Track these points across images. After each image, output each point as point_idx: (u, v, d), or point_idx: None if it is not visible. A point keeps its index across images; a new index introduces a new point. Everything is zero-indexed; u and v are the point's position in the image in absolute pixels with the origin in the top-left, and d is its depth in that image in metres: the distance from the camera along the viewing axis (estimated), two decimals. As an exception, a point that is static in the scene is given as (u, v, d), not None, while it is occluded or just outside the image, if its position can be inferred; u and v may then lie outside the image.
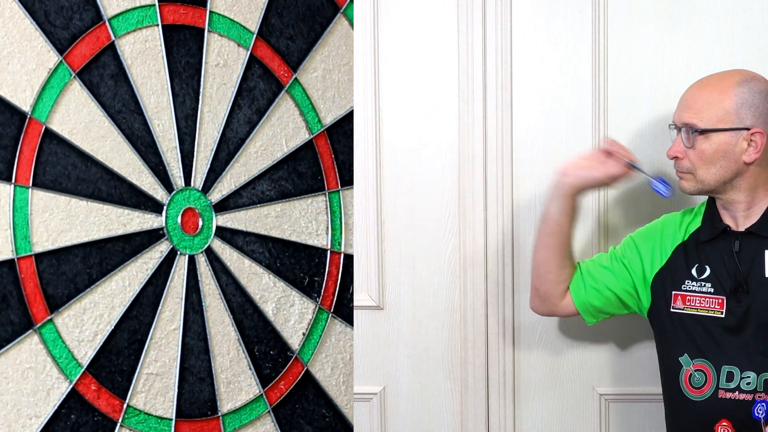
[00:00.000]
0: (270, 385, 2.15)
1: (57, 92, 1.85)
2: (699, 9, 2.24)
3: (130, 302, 1.94)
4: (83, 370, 1.88)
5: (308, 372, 2.21)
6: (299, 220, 2.20)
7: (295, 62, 2.18)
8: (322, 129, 2.23)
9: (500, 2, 2.27)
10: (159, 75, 1.99)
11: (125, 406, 1.94)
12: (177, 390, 2.01)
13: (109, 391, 1.92)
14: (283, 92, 2.17)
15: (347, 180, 2.28)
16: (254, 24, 2.12)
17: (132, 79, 1.95)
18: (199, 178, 2.04)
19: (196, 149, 2.04)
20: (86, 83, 1.89)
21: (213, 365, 2.06)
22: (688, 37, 2.24)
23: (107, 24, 1.91)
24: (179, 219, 2.01)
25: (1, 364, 1.79)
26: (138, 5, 1.95)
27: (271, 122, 2.15)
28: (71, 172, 1.87)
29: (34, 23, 1.82)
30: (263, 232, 2.14)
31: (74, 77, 1.87)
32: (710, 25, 2.24)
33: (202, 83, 2.04)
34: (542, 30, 2.28)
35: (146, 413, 1.97)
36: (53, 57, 1.85)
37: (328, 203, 2.25)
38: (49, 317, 1.84)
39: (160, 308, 1.99)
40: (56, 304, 1.85)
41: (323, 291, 2.23)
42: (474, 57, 2.28)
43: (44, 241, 1.84)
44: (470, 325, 2.33)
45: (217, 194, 2.07)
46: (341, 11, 2.25)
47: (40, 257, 1.83)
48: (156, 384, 1.98)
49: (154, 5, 1.98)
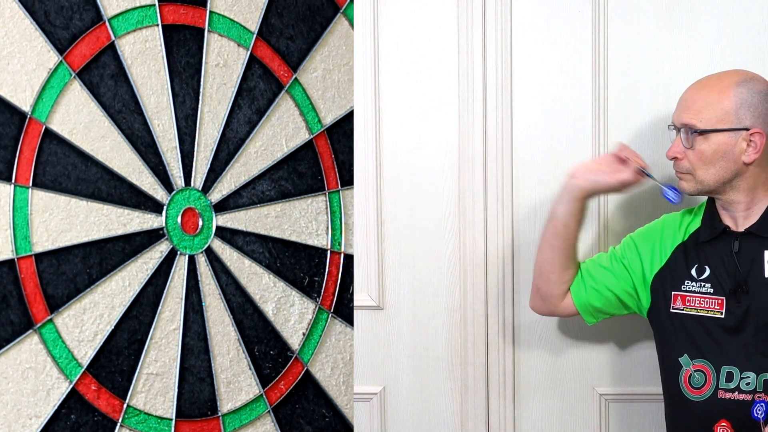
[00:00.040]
0: (270, 385, 2.15)
1: (57, 92, 1.85)
2: (699, 9, 2.24)
3: (130, 302, 1.94)
4: (83, 370, 1.89)
5: (308, 372, 2.21)
6: (299, 220, 2.20)
7: (295, 62, 2.18)
8: (322, 129, 2.23)
9: (500, 2, 2.27)
10: (159, 75, 1.99)
11: (125, 406, 1.94)
12: (177, 390, 2.01)
13: (109, 391, 1.92)
14: (283, 92, 2.17)
15: (347, 180, 2.28)
16: (254, 24, 2.11)
17: (132, 79, 1.95)
18: (199, 178, 2.04)
19: (196, 149, 2.04)
20: (86, 83, 1.89)
21: (213, 365, 2.06)
22: (688, 37, 2.24)
23: (107, 24, 1.91)
24: (179, 219, 2.01)
25: (1, 364, 1.79)
26: (138, 5, 1.95)
27: (271, 122, 2.15)
28: (71, 172, 1.87)
29: (34, 23, 1.82)
30: (263, 232, 2.14)
31: (74, 77, 1.87)
32: (710, 25, 2.24)
33: (202, 83, 2.04)
34: (542, 30, 2.28)
35: (146, 413, 1.97)
36: (53, 57, 1.85)
37: (328, 203, 2.25)
38: (49, 317, 1.84)
39: (160, 308, 1.99)
40: (56, 304, 1.85)
41: (323, 291, 2.23)
42: (474, 57, 2.28)
43: (44, 241, 1.84)
44: (470, 325, 2.33)
45: (217, 194, 2.07)
46: (341, 11, 2.25)
47: (40, 257, 1.83)
48: (156, 384, 1.98)
49: (154, 5, 1.98)
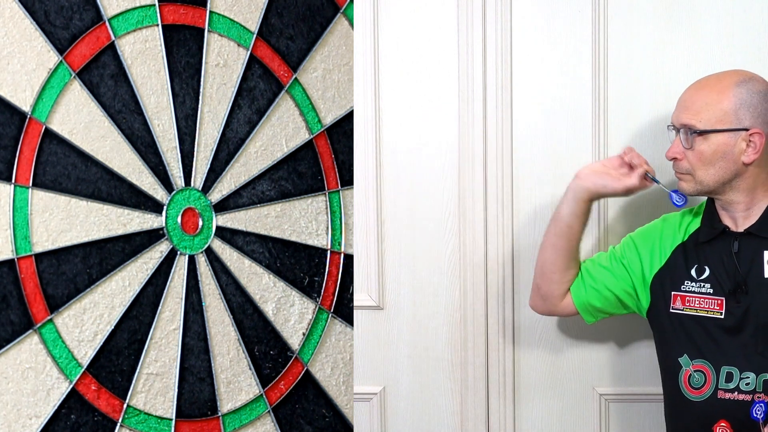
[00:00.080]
0: (270, 385, 2.15)
1: (57, 92, 1.85)
2: (699, 9, 2.24)
3: (130, 302, 1.94)
4: (83, 370, 1.89)
5: (308, 372, 2.21)
6: (299, 220, 2.20)
7: (295, 62, 2.18)
8: (322, 129, 2.23)
9: (500, 2, 2.27)
10: (159, 75, 1.99)
11: (125, 406, 1.94)
12: (177, 390, 2.01)
13: (109, 391, 1.92)
14: (283, 92, 2.17)
15: (347, 180, 2.28)
16: (254, 24, 2.12)
17: (132, 79, 1.95)
18: (199, 178, 2.04)
19: (196, 149, 2.04)
20: (86, 83, 1.89)
21: (213, 365, 2.06)
22: (688, 37, 2.24)
23: (107, 24, 1.91)
24: (179, 219, 2.01)
25: (1, 364, 1.79)
26: (138, 5, 1.95)
27: (271, 122, 2.15)
28: (71, 172, 1.87)
29: (34, 23, 1.82)
30: (263, 232, 2.14)
31: (74, 77, 1.87)
32: (710, 25, 2.23)
33: (202, 83, 2.04)
34: (542, 30, 2.28)
35: (146, 413, 1.97)
36: (53, 57, 1.85)
37: (328, 203, 2.25)
38: (49, 317, 1.84)
39: (160, 308, 1.99)
40: (56, 304, 1.85)
41: (323, 291, 2.23)
42: (474, 57, 2.28)
43: (44, 241, 1.84)
44: (470, 325, 2.33)
45: (217, 194, 2.07)
46: (341, 11, 2.25)
47: (40, 257, 1.83)
48: (156, 384, 1.98)
49: (154, 5, 1.98)
